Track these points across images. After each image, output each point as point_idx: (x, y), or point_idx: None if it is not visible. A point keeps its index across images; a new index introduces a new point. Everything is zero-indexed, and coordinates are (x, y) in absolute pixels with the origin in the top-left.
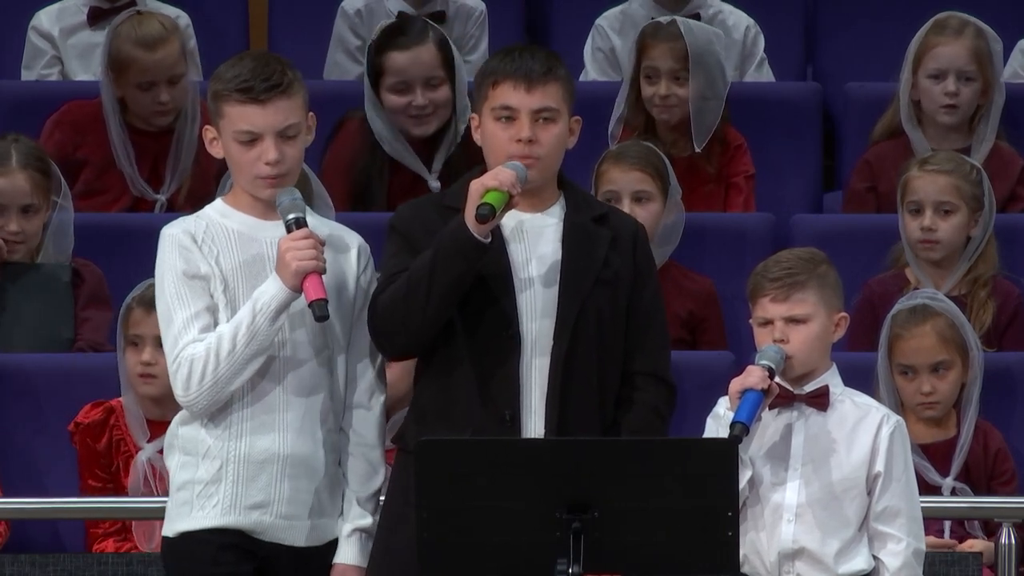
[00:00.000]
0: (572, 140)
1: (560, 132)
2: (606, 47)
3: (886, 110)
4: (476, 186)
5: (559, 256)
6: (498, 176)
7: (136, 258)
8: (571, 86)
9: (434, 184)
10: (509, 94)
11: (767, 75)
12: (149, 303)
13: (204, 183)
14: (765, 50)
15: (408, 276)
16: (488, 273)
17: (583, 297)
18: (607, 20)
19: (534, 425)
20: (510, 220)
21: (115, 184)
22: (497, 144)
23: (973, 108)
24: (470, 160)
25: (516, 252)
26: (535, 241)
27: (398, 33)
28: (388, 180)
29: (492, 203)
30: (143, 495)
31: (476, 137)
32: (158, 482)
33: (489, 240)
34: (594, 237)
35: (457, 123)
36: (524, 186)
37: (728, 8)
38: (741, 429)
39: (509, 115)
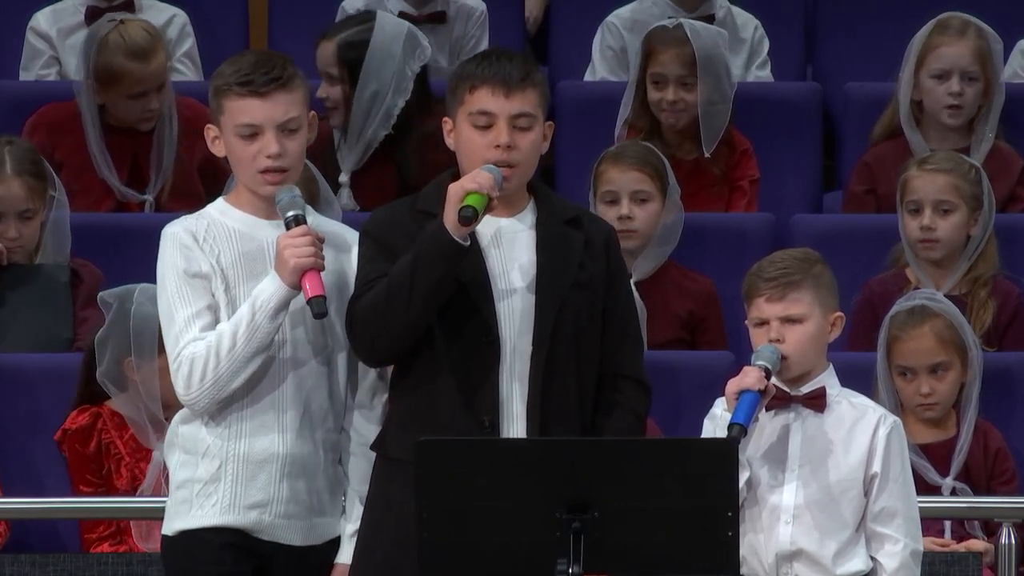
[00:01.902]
0: (545, 145)
1: (536, 138)
2: (616, 46)
3: (885, 111)
4: (455, 189)
5: (535, 262)
6: (477, 179)
7: (133, 258)
8: (546, 91)
9: (343, 179)
10: (487, 99)
11: (768, 74)
12: None
13: (187, 179)
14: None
15: (388, 281)
16: (467, 280)
17: (560, 302)
18: (619, 19)
19: (515, 431)
20: (486, 227)
21: (96, 185)
22: (474, 150)
23: (976, 108)
24: (388, 176)
25: (493, 259)
26: (511, 247)
27: (338, 23)
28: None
29: (474, 205)
30: (156, 494)
31: (449, 142)
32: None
33: (468, 243)
34: (568, 241)
35: (362, 133)
36: (500, 192)
37: (736, 9)
38: (739, 430)
39: (487, 121)
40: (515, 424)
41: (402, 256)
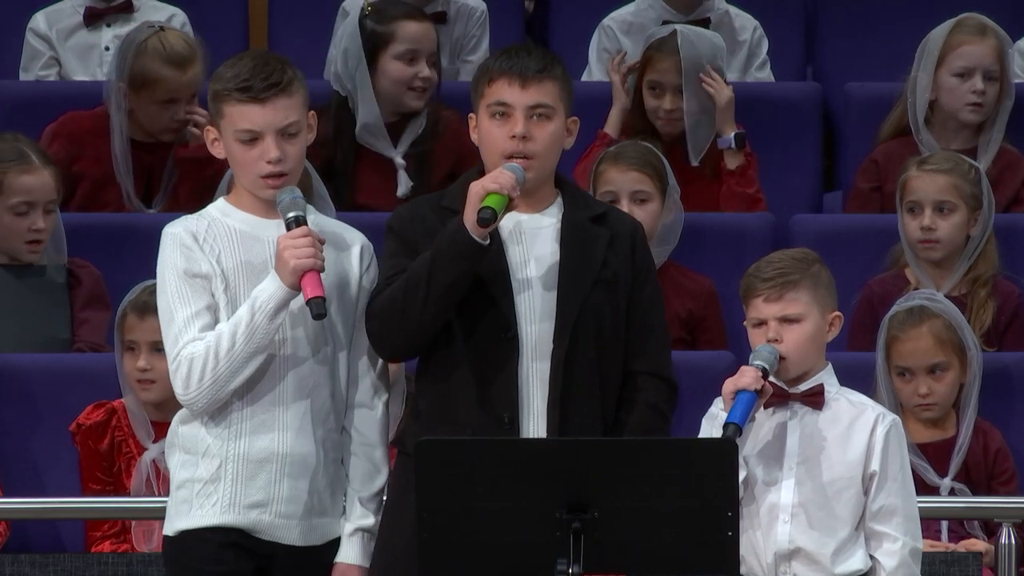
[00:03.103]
0: (570, 141)
1: (555, 130)
2: (612, 48)
3: (894, 109)
4: (476, 189)
5: (557, 257)
6: (498, 179)
7: (134, 258)
8: (568, 86)
9: (400, 161)
10: (504, 90)
11: (767, 75)
12: (142, 308)
13: (193, 199)
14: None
15: (406, 277)
16: (486, 275)
17: (582, 298)
18: (615, 21)
19: (535, 427)
20: (508, 221)
21: (114, 199)
22: (492, 141)
23: (994, 108)
24: (437, 141)
25: (514, 254)
26: (533, 242)
27: (399, 3)
28: (353, 169)
29: (493, 206)
30: (145, 496)
31: (473, 137)
32: (160, 483)
33: (488, 242)
34: (592, 237)
35: (431, 104)
36: (521, 187)
37: (735, 10)
38: (734, 430)
39: (503, 111)
40: (535, 420)
41: (423, 253)
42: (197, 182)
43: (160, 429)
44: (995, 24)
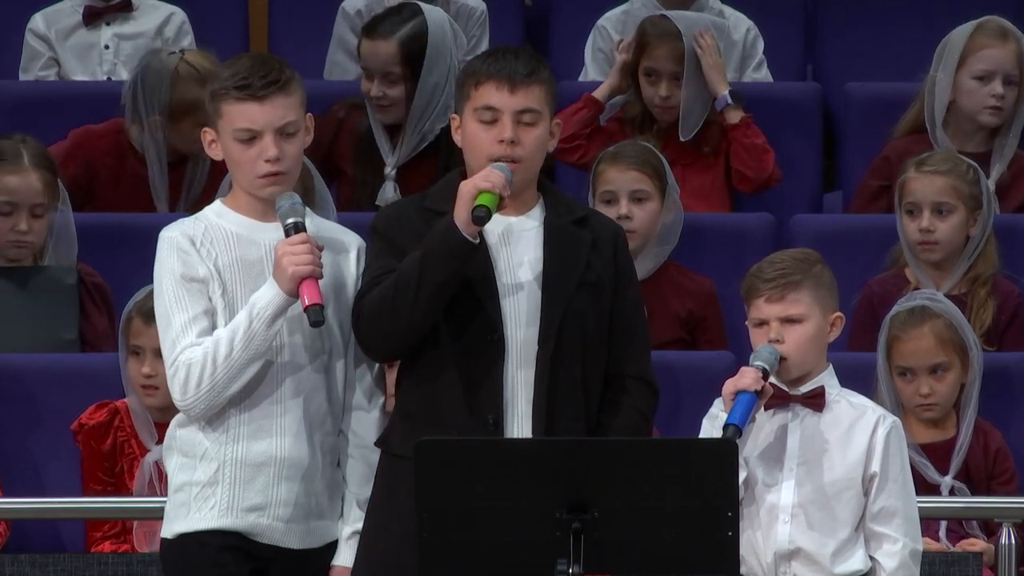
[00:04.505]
0: (552, 143)
1: (541, 134)
2: (607, 48)
3: (910, 107)
4: (467, 188)
5: (542, 260)
6: (489, 178)
7: (141, 259)
8: (553, 88)
9: (389, 172)
10: (492, 95)
11: (765, 76)
12: (148, 313)
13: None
14: (765, 51)
15: (395, 277)
16: (473, 277)
17: (566, 301)
18: (609, 20)
19: (519, 429)
20: (495, 225)
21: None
22: (479, 145)
23: (1013, 111)
24: (433, 167)
25: (500, 256)
26: (517, 245)
27: (380, 20)
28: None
29: (487, 204)
30: (152, 495)
31: (456, 138)
32: (163, 484)
33: (478, 241)
34: (575, 240)
35: (419, 125)
36: (509, 186)
37: (728, 10)
38: (733, 431)
39: (491, 116)
40: (520, 422)
41: (410, 253)
42: None
43: (163, 430)
44: (1016, 28)
